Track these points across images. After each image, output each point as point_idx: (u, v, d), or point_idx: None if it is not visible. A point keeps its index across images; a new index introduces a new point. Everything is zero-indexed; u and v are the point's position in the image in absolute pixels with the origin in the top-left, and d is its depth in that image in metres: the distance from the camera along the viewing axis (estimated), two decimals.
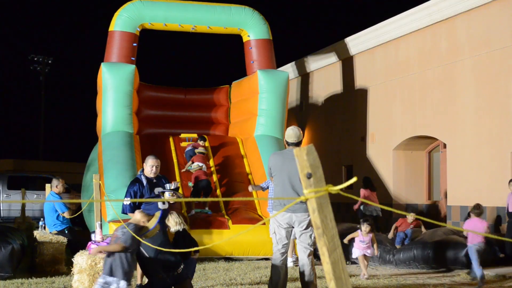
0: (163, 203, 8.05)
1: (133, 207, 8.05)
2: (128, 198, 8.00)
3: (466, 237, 9.38)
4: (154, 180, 8.21)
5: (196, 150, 13.44)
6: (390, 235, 11.31)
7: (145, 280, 7.47)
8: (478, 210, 9.10)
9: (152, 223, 6.38)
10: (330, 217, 2.15)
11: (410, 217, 11.19)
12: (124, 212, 8.21)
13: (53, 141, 55.07)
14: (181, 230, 7.41)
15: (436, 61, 14.64)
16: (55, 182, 10.64)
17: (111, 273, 5.97)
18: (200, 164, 12.95)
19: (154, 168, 8.16)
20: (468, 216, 10.10)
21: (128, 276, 6.01)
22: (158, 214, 6.70)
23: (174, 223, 7.42)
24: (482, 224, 8.89)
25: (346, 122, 18.41)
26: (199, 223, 11.69)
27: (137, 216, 6.37)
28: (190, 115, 16.47)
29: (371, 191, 14.33)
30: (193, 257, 7.46)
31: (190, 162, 13.31)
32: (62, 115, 63.09)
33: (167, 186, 8.24)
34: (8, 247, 9.33)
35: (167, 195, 8.16)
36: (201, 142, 14.00)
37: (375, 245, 9.73)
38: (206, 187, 12.41)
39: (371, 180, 14.77)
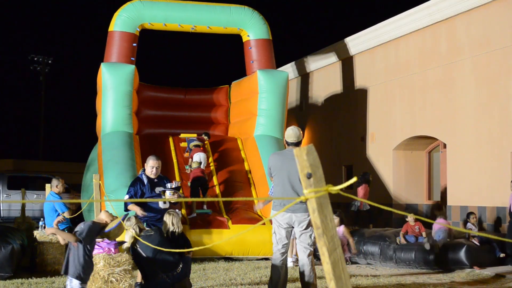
0: (164, 202, 8.07)
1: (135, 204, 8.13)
2: (127, 196, 8.09)
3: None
4: (156, 180, 8.25)
5: (191, 144, 13.59)
6: (402, 241, 11.06)
7: None
8: (441, 211, 11.32)
9: (112, 224, 6.37)
10: (330, 217, 2.15)
11: (410, 217, 11.10)
12: (125, 209, 8.33)
13: (53, 141, 55.06)
14: (179, 231, 7.37)
15: (436, 61, 14.63)
16: (55, 182, 10.64)
17: (66, 270, 5.98)
18: (199, 160, 12.99)
19: (154, 169, 8.19)
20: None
21: (80, 275, 5.92)
22: (120, 218, 6.71)
23: (169, 225, 7.38)
24: (446, 222, 11.36)
25: (346, 122, 18.40)
26: (199, 223, 11.69)
27: (102, 216, 6.38)
28: (190, 115, 16.47)
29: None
30: (188, 256, 7.46)
31: (190, 160, 13.42)
32: (62, 115, 63.10)
33: (168, 185, 8.26)
34: (8, 247, 9.33)
35: (168, 194, 8.17)
36: (205, 137, 14.14)
37: (350, 240, 8.90)
38: (203, 185, 12.45)
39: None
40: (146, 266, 6.99)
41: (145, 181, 8.20)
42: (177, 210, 7.84)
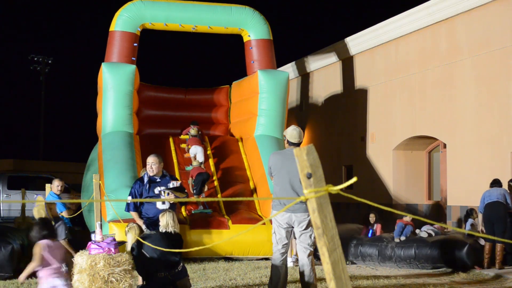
0: (163, 202, 8.04)
1: (135, 206, 8.13)
2: (130, 197, 8.10)
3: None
4: (158, 179, 8.22)
5: (190, 133, 13.81)
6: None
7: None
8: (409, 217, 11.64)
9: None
10: (330, 217, 2.15)
11: (408, 218, 11.27)
12: (126, 210, 8.31)
13: (53, 141, 55.07)
14: (173, 232, 7.28)
15: (436, 61, 14.64)
16: (56, 182, 10.68)
17: None
18: (195, 153, 13.26)
19: (151, 166, 8.17)
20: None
21: None
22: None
23: (165, 224, 7.27)
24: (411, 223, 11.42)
25: (346, 122, 18.40)
26: (199, 223, 11.70)
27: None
28: (190, 115, 16.46)
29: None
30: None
31: (186, 147, 13.74)
32: (62, 115, 63.11)
33: (170, 185, 8.24)
34: (8, 247, 9.34)
35: (165, 194, 8.15)
36: (192, 127, 14.47)
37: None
38: (207, 179, 12.65)
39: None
40: (149, 266, 6.99)
41: (145, 180, 8.19)
42: (170, 210, 7.72)
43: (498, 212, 10.51)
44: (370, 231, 11.78)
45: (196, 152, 13.46)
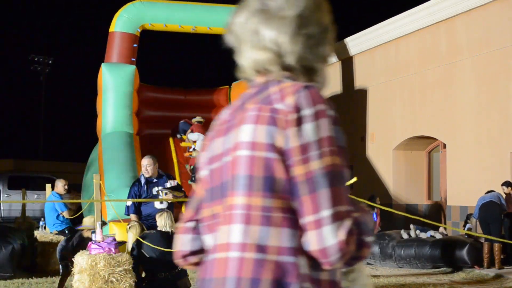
0: (161, 202, 8.05)
1: (135, 208, 8.09)
2: (129, 199, 8.08)
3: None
4: (155, 180, 8.22)
5: (194, 120, 13.73)
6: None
7: None
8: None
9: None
10: None
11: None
12: (126, 213, 8.24)
13: (53, 141, 55.06)
14: (170, 232, 7.31)
15: (436, 61, 14.64)
16: (60, 182, 10.75)
17: None
18: (196, 139, 13.28)
19: (146, 168, 8.17)
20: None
21: None
22: None
23: (163, 224, 7.29)
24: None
25: (346, 122, 18.39)
26: None
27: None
28: (190, 116, 16.47)
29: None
30: None
31: (191, 140, 13.68)
32: (62, 115, 63.10)
33: (167, 184, 8.24)
34: (8, 247, 9.34)
35: (164, 194, 8.16)
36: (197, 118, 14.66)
37: None
38: None
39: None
40: (149, 266, 7.01)
41: (142, 181, 8.19)
42: (168, 210, 7.72)
43: (493, 213, 10.53)
44: (374, 214, 12.24)
45: (198, 138, 13.46)
